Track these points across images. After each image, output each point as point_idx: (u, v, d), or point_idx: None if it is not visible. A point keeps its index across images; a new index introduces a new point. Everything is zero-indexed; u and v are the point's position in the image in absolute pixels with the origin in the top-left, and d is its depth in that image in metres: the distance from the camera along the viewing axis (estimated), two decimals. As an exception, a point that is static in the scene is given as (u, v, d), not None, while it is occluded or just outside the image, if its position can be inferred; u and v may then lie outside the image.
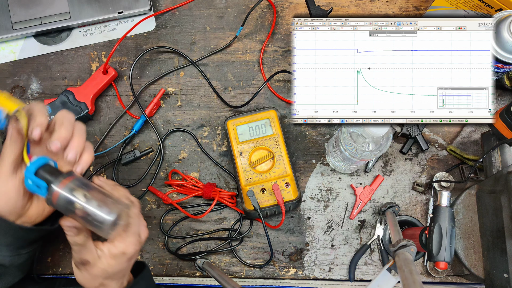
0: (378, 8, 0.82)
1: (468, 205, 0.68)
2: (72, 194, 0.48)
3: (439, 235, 0.58)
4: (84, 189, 0.49)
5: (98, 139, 0.78)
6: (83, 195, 0.48)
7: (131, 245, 0.52)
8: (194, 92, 0.80)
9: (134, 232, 0.52)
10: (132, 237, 0.52)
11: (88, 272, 0.51)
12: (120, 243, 0.51)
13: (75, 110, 0.75)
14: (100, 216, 0.48)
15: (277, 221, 0.75)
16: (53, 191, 0.48)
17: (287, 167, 0.72)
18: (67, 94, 0.76)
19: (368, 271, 0.73)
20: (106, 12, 0.80)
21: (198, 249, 0.74)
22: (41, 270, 0.74)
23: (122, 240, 0.51)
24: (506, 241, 0.60)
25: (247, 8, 0.83)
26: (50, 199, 0.48)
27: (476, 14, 0.71)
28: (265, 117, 0.74)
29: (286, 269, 0.74)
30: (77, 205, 0.48)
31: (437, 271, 0.72)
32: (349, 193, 0.76)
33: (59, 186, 0.48)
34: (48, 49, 0.82)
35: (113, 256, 0.51)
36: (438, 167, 0.76)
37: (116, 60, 0.81)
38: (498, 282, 0.61)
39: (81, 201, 0.48)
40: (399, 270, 0.50)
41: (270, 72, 0.80)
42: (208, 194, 0.73)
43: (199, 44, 0.81)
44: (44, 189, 0.49)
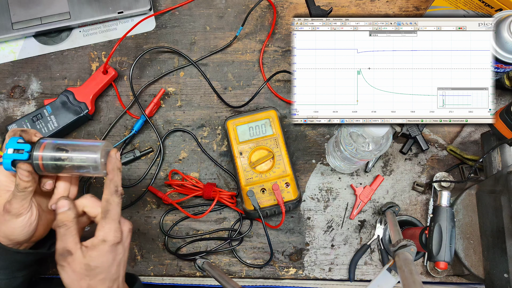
0: (378, 8, 0.82)
1: (468, 205, 0.68)
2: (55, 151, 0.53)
3: (439, 235, 0.58)
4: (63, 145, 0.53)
5: (98, 139, 0.78)
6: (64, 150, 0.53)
7: (111, 231, 0.51)
8: (194, 92, 0.80)
9: (113, 219, 0.52)
10: (112, 223, 0.51)
11: (71, 270, 0.50)
12: (99, 231, 0.51)
13: (75, 110, 0.75)
14: (90, 157, 0.52)
15: (277, 221, 0.75)
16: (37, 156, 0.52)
17: (287, 167, 0.72)
18: (67, 94, 0.76)
19: (368, 271, 0.73)
20: (106, 12, 0.80)
21: (198, 249, 0.74)
22: (41, 271, 0.74)
23: (101, 228, 0.51)
24: (506, 241, 0.60)
25: (247, 8, 0.83)
26: (38, 165, 0.52)
27: (476, 14, 0.71)
28: (265, 117, 0.74)
29: (286, 269, 0.74)
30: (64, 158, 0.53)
31: (437, 271, 0.72)
32: (349, 193, 0.76)
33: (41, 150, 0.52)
34: (48, 49, 0.82)
35: (94, 246, 0.50)
36: (438, 167, 0.76)
37: (116, 60, 0.81)
38: (498, 282, 0.61)
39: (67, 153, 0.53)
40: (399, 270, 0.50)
41: (270, 72, 0.80)
42: (208, 194, 0.73)
43: (199, 44, 0.81)
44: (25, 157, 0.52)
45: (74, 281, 0.51)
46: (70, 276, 0.51)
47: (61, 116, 0.75)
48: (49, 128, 0.75)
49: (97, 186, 0.77)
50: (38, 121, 0.75)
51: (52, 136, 0.75)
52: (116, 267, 0.52)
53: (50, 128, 0.75)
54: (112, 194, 0.52)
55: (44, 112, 0.75)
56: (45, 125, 0.75)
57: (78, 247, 0.50)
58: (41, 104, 0.79)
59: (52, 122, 0.75)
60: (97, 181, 0.77)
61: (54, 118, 0.75)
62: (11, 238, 0.53)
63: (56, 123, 0.75)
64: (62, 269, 0.51)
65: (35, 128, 0.74)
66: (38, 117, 0.75)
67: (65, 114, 0.75)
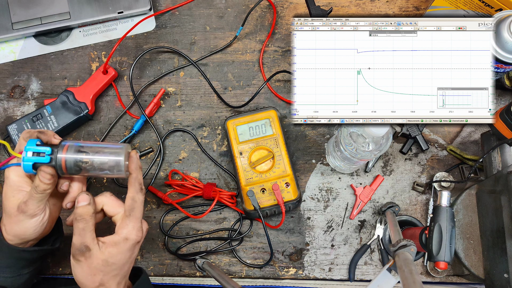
0: (378, 8, 0.82)
1: (468, 205, 0.68)
2: (78, 153, 0.52)
3: (439, 235, 0.58)
4: (85, 147, 0.53)
5: (98, 139, 0.78)
6: (85, 152, 0.53)
7: (134, 230, 0.52)
8: (194, 92, 0.80)
9: (137, 217, 0.52)
10: (135, 222, 0.52)
11: (87, 265, 0.50)
12: (123, 229, 0.52)
13: (75, 110, 0.75)
14: (114, 160, 0.52)
15: (277, 221, 0.75)
16: (60, 158, 0.51)
17: (287, 167, 0.72)
18: (67, 94, 0.76)
19: (368, 271, 0.73)
20: (106, 12, 0.81)
21: (198, 249, 0.74)
22: (41, 270, 0.74)
23: (125, 226, 0.52)
24: (506, 241, 0.60)
25: (247, 8, 0.83)
26: (60, 167, 0.51)
27: (476, 14, 0.71)
28: (265, 117, 0.74)
29: (286, 269, 0.74)
30: (87, 160, 0.52)
31: (437, 271, 0.72)
32: (349, 193, 0.76)
33: (64, 152, 0.52)
34: (48, 49, 0.82)
35: (115, 243, 0.51)
36: (438, 167, 0.76)
37: (116, 60, 0.81)
38: (498, 282, 0.61)
39: (90, 155, 0.52)
40: (399, 270, 0.50)
41: (270, 72, 0.80)
42: (208, 194, 0.73)
43: (199, 44, 0.81)
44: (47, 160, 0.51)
45: (88, 276, 0.51)
46: (84, 271, 0.50)
47: (61, 116, 0.75)
48: (49, 128, 0.75)
49: (97, 186, 0.77)
50: (38, 121, 0.75)
51: None
52: (129, 264, 0.53)
53: (50, 128, 0.75)
54: (138, 192, 0.53)
55: (44, 112, 0.75)
56: (45, 125, 0.75)
57: (95, 242, 0.51)
58: (41, 104, 0.79)
59: (52, 122, 0.75)
60: (97, 181, 0.77)
61: (54, 118, 0.75)
62: (22, 237, 0.53)
63: (56, 123, 0.75)
64: (78, 263, 0.50)
65: (34, 128, 0.74)
66: (38, 117, 0.75)
67: (65, 114, 0.75)
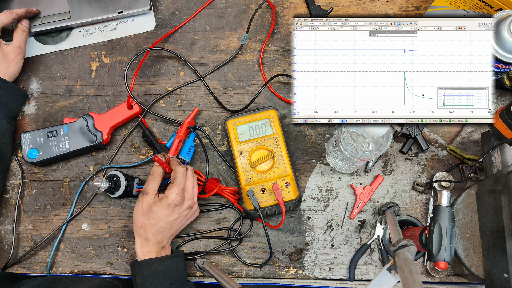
0: (378, 8, 0.82)
1: (468, 205, 0.68)
2: None
3: (439, 235, 0.58)
4: None
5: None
6: None
7: (174, 193, 0.66)
8: (194, 92, 0.80)
9: (178, 184, 0.67)
10: (176, 187, 0.67)
11: (141, 205, 0.67)
12: (167, 191, 0.67)
13: (90, 137, 0.75)
14: None
15: (277, 221, 0.75)
16: None
17: (287, 167, 0.72)
18: (87, 118, 0.75)
19: (368, 271, 0.73)
20: (106, 12, 0.81)
21: (198, 248, 0.74)
22: (42, 270, 0.74)
23: (169, 189, 0.67)
24: (506, 241, 0.60)
25: (247, 8, 0.83)
26: None
27: (476, 14, 0.71)
28: (265, 117, 0.74)
29: (286, 269, 0.74)
30: None
31: (437, 271, 0.72)
32: (349, 193, 0.76)
33: None
34: (48, 49, 0.82)
35: (160, 198, 0.67)
36: (438, 167, 0.76)
37: (116, 60, 0.81)
38: (498, 282, 0.61)
39: None
40: (399, 270, 0.50)
41: (270, 72, 0.80)
42: (210, 187, 0.73)
43: (199, 44, 0.81)
44: None
45: (138, 213, 0.68)
46: (138, 208, 0.68)
47: (75, 140, 0.74)
48: (60, 148, 0.74)
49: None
50: (52, 138, 0.74)
51: (56, 157, 0.74)
52: (164, 223, 0.67)
53: (61, 149, 0.74)
54: (177, 165, 0.69)
55: (60, 131, 0.74)
56: (57, 144, 0.74)
57: (153, 192, 0.68)
58: (42, 104, 0.79)
59: (65, 143, 0.74)
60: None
61: (68, 139, 0.74)
62: None
63: (68, 145, 0.74)
64: (138, 201, 0.68)
65: (46, 144, 0.74)
66: (53, 134, 0.74)
67: (79, 139, 0.74)
